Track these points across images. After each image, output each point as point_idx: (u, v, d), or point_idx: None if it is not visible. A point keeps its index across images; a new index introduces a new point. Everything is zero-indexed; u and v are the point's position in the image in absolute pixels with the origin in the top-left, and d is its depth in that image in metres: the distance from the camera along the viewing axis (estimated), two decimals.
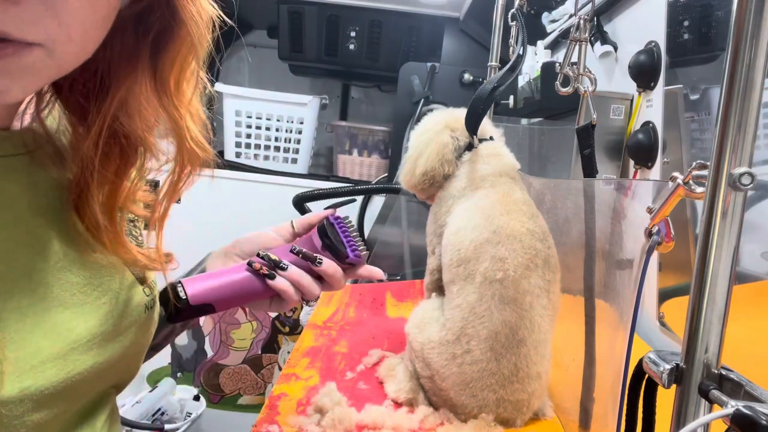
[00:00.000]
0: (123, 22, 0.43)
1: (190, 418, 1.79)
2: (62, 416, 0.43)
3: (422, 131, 0.89)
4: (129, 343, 0.49)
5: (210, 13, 0.46)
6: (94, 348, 0.44)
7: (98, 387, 0.47)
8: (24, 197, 0.43)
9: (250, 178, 1.88)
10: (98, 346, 0.45)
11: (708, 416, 0.38)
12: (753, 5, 0.35)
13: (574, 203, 0.76)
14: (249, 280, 0.59)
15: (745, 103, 0.36)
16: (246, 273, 0.59)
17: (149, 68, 0.46)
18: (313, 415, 0.71)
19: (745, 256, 0.75)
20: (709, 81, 0.91)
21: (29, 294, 0.41)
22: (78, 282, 0.45)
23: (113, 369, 0.48)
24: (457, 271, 0.73)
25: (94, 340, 0.44)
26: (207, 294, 0.58)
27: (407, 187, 0.90)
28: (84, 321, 0.44)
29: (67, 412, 0.44)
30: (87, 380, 0.44)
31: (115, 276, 0.49)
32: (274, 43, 2.08)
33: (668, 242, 0.45)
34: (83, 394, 0.45)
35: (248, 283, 0.59)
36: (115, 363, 0.48)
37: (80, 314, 0.44)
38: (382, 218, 1.84)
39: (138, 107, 0.45)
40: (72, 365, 0.42)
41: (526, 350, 0.69)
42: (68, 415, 0.45)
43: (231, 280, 0.59)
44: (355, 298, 1.28)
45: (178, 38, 0.45)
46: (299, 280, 0.59)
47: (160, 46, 0.45)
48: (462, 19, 1.88)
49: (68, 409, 0.44)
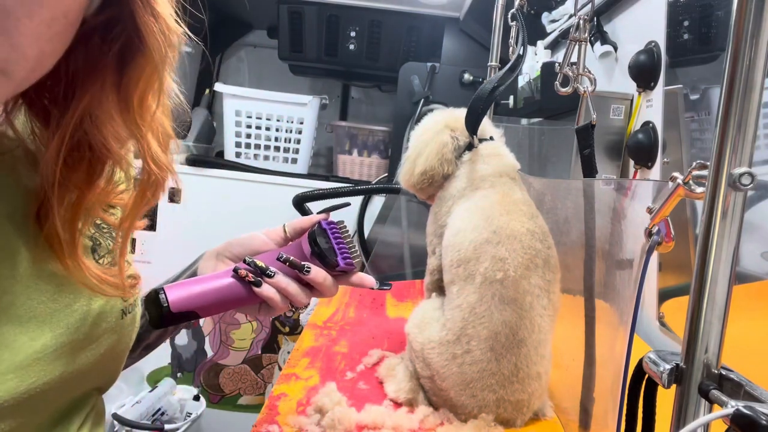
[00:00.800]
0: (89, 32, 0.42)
1: (190, 418, 1.78)
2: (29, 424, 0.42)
3: (422, 131, 0.89)
4: (104, 350, 0.48)
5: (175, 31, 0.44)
6: (63, 357, 0.43)
7: (71, 394, 0.46)
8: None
9: (250, 178, 1.88)
10: (68, 355, 0.43)
11: (708, 416, 0.38)
12: (753, 5, 0.35)
13: (574, 203, 0.76)
14: (234, 287, 0.57)
15: (745, 103, 0.36)
16: (231, 279, 0.58)
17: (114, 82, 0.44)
18: (313, 415, 0.71)
19: (745, 256, 0.75)
20: (709, 81, 0.91)
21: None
22: (47, 290, 0.43)
23: (87, 376, 0.47)
24: (457, 271, 0.73)
25: (62, 349, 0.43)
26: (189, 301, 0.56)
27: (406, 187, 0.90)
28: (51, 330, 0.42)
29: (35, 420, 0.43)
30: (55, 389, 0.43)
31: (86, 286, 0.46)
32: (274, 43, 2.08)
33: (668, 242, 0.45)
34: (52, 402, 0.44)
35: (233, 290, 0.58)
36: (89, 370, 0.46)
37: (47, 324, 0.42)
38: (382, 218, 1.84)
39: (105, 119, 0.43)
40: (36, 376, 0.41)
41: (526, 350, 0.69)
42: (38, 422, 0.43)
43: (215, 286, 0.57)
44: (355, 298, 1.28)
45: (141, 55, 0.43)
46: (286, 287, 0.58)
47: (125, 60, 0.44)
48: (462, 19, 1.88)
49: (34, 419, 0.43)
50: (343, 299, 1.27)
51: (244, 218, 1.87)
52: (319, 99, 1.96)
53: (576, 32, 0.79)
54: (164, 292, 0.55)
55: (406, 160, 0.89)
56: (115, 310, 0.49)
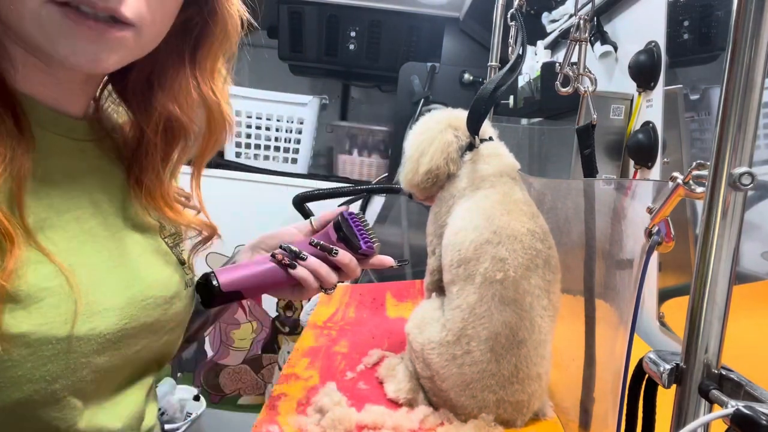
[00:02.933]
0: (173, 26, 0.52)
1: (190, 418, 1.78)
2: (119, 370, 0.51)
3: (423, 130, 0.89)
4: (173, 313, 0.57)
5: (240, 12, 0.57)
6: (147, 308, 0.53)
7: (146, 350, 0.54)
8: (91, 176, 0.53)
9: (250, 178, 1.88)
10: (150, 308, 0.53)
11: (708, 416, 0.38)
12: (753, 5, 0.35)
13: (574, 203, 0.76)
14: (273, 270, 0.65)
15: (745, 103, 0.36)
16: (270, 264, 0.65)
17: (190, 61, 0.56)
18: (313, 415, 0.71)
19: (745, 256, 0.75)
20: (709, 81, 0.91)
21: (96, 254, 0.50)
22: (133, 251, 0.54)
23: (158, 334, 0.55)
24: (457, 271, 0.73)
25: (147, 300, 0.53)
26: (236, 283, 0.64)
27: (408, 187, 0.90)
28: (139, 283, 0.53)
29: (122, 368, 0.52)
30: (138, 336, 0.52)
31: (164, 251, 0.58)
32: (274, 43, 2.08)
33: (668, 242, 0.45)
34: (135, 352, 0.52)
35: (272, 273, 0.65)
36: (160, 328, 0.55)
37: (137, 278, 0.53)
38: (382, 218, 1.84)
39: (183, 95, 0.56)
40: (128, 318, 0.50)
41: (526, 351, 0.68)
42: (123, 372, 0.52)
43: (257, 270, 0.65)
44: (355, 298, 1.28)
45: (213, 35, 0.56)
46: (317, 269, 0.65)
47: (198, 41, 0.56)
48: (462, 19, 1.88)
49: (123, 365, 0.51)
50: (343, 299, 1.27)
51: (244, 218, 1.87)
52: (319, 99, 1.96)
53: (576, 32, 0.79)
54: (215, 275, 0.64)
55: (408, 159, 0.89)
56: (181, 281, 0.59)
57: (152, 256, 0.56)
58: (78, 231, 0.49)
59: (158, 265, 0.57)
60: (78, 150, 0.53)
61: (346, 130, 2.03)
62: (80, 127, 0.54)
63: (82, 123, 0.54)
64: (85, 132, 0.54)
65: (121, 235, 0.54)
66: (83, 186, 0.52)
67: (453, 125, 0.86)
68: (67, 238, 0.48)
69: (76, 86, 0.52)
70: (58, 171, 0.50)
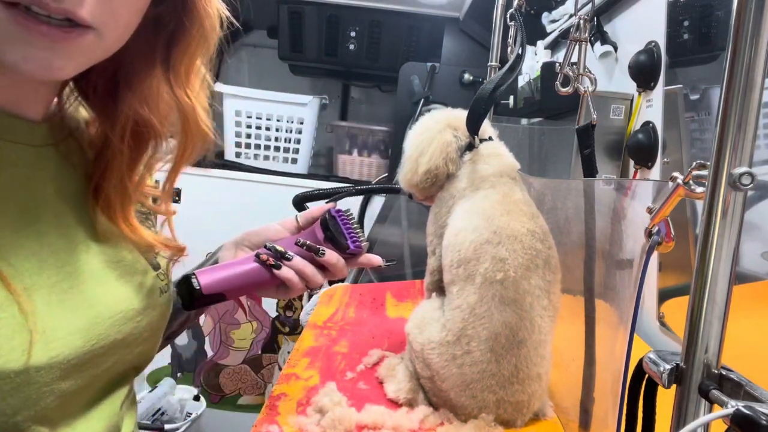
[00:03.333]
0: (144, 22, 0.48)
1: (190, 418, 1.78)
2: (86, 389, 0.48)
3: (422, 130, 0.88)
4: (146, 323, 0.54)
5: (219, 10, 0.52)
6: (116, 325, 0.49)
7: (118, 365, 0.51)
8: (51, 184, 0.49)
9: (250, 178, 1.88)
10: (119, 323, 0.50)
11: (708, 416, 0.38)
12: (753, 5, 0.35)
13: (574, 203, 0.76)
14: (257, 270, 0.63)
15: (745, 103, 0.36)
16: (254, 264, 0.63)
17: (163, 61, 0.51)
18: (313, 415, 0.71)
19: (745, 256, 0.75)
20: (709, 81, 0.91)
21: (56, 272, 0.46)
22: (98, 265, 0.50)
23: (131, 348, 0.52)
24: (457, 271, 0.73)
25: (115, 317, 0.49)
26: (218, 284, 0.62)
27: (407, 187, 0.90)
28: (105, 300, 0.49)
29: (90, 386, 0.48)
30: (108, 353, 0.49)
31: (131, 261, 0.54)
32: (274, 43, 2.08)
33: (668, 242, 0.45)
34: (105, 369, 0.49)
35: (256, 273, 0.63)
36: (133, 341, 0.52)
37: (102, 294, 0.49)
38: (382, 218, 1.84)
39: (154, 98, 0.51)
40: (96, 338, 0.47)
41: (526, 351, 0.68)
42: (92, 390, 0.49)
43: (240, 270, 0.63)
44: (355, 298, 1.28)
45: (189, 34, 0.50)
46: (303, 269, 0.63)
47: (172, 41, 0.51)
48: (462, 19, 1.88)
49: (92, 383, 0.48)
50: (343, 299, 1.27)
51: (244, 218, 1.86)
52: (319, 99, 1.96)
53: (576, 32, 0.79)
54: (195, 277, 0.61)
55: (407, 159, 0.89)
56: (155, 288, 0.55)
57: (119, 267, 0.52)
58: (38, 248, 0.45)
59: (126, 275, 0.52)
60: (37, 157, 0.48)
61: (346, 130, 2.03)
62: (39, 131, 0.49)
63: (41, 127, 0.49)
64: (44, 136, 0.50)
65: (84, 247, 0.50)
66: (43, 197, 0.48)
67: (452, 125, 0.86)
68: (25, 256, 0.44)
69: (33, 89, 0.48)
70: (15, 183, 0.46)
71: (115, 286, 0.51)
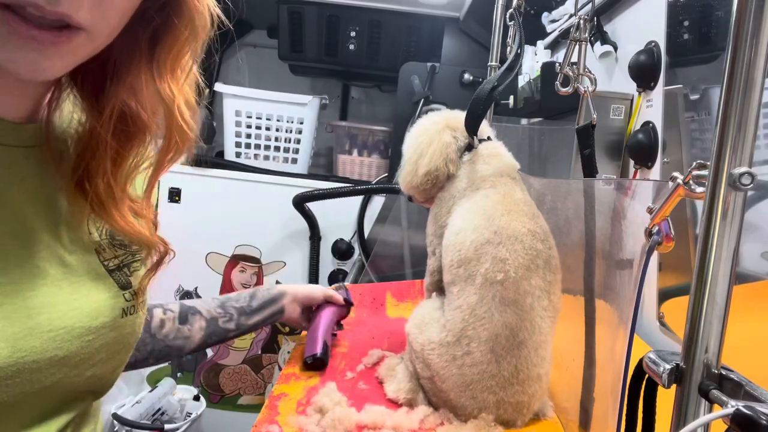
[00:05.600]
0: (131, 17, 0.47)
1: (190, 418, 1.78)
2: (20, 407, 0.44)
3: (420, 132, 0.88)
4: (100, 345, 0.49)
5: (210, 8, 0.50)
6: (55, 340, 0.45)
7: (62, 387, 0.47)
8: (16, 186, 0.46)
9: (250, 178, 1.88)
10: (60, 339, 0.46)
11: (708, 416, 0.38)
12: (753, 5, 0.35)
13: (574, 203, 0.75)
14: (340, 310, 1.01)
15: (745, 103, 0.36)
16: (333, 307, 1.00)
17: (148, 55, 0.50)
18: (313, 415, 0.71)
19: (745, 256, 0.75)
20: (709, 81, 0.91)
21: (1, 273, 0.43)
22: (54, 275, 0.47)
23: (79, 369, 0.48)
24: (457, 272, 0.73)
25: (56, 331, 0.45)
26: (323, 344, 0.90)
27: (407, 189, 0.90)
28: (48, 311, 0.45)
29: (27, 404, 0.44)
30: (44, 371, 0.44)
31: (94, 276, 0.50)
32: (274, 43, 2.08)
33: (668, 242, 0.45)
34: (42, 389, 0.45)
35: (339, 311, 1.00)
36: (81, 362, 0.48)
37: (48, 305, 0.45)
38: (382, 218, 1.83)
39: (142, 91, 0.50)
40: (27, 351, 0.43)
41: (526, 352, 0.68)
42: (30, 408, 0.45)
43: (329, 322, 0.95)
44: (355, 298, 1.28)
45: (177, 30, 0.49)
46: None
47: (158, 35, 0.50)
48: (462, 19, 1.88)
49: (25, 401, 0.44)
50: None
51: (244, 218, 1.87)
52: (319, 99, 1.96)
53: (576, 32, 0.79)
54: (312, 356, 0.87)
55: (406, 162, 0.88)
56: (115, 308, 0.51)
57: (79, 281, 0.49)
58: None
59: (84, 290, 0.49)
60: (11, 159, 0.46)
61: (346, 129, 2.03)
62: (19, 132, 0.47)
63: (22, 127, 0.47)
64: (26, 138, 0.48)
65: (44, 255, 0.46)
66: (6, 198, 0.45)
67: (451, 126, 0.86)
68: None
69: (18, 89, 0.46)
70: None
71: (67, 300, 0.47)
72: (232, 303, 0.86)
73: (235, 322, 0.85)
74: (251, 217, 1.87)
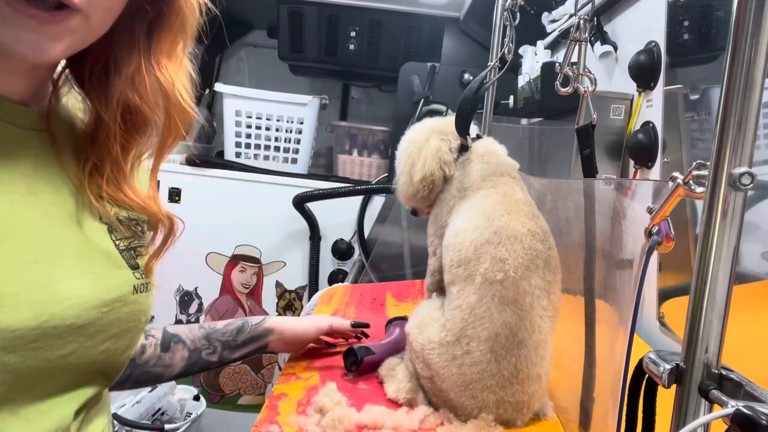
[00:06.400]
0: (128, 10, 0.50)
1: (190, 418, 1.78)
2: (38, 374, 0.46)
3: (408, 143, 0.88)
4: (113, 318, 0.52)
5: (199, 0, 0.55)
6: (74, 308, 0.48)
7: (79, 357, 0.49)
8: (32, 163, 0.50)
9: (249, 178, 1.88)
10: (78, 308, 0.48)
11: (708, 416, 0.38)
12: (753, 5, 0.35)
13: (574, 203, 0.76)
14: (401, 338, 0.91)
15: (745, 103, 0.36)
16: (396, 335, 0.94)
17: (145, 47, 0.54)
18: (313, 415, 0.71)
19: (745, 256, 0.75)
20: (709, 81, 0.91)
21: (23, 243, 0.46)
22: (72, 248, 0.50)
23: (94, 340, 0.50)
24: (457, 271, 0.73)
25: (74, 299, 0.48)
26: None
27: (406, 200, 0.89)
28: (68, 281, 0.48)
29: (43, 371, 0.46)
30: (64, 338, 0.47)
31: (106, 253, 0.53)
32: (274, 43, 2.08)
33: (668, 242, 0.45)
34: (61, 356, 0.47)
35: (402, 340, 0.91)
36: (96, 333, 0.50)
37: (66, 275, 0.48)
38: (382, 218, 1.84)
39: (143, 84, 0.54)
40: (48, 316, 0.45)
41: (526, 352, 0.68)
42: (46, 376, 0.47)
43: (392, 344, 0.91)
44: (355, 298, 1.28)
45: (169, 20, 0.54)
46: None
47: (153, 27, 0.54)
48: (462, 19, 1.88)
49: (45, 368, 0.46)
50: (343, 299, 1.27)
51: (243, 218, 1.87)
52: (319, 99, 1.96)
53: (576, 32, 0.79)
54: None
55: (400, 174, 0.88)
56: (128, 284, 0.55)
57: (92, 255, 0.52)
58: (5, 217, 0.45)
59: (98, 264, 0.52)
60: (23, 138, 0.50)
61: (346, 130, 2.03)
62: (26, 114, 0.50)
63: (28, 110, 0.51)
64: (32, 121, 0.51)
65: (61, 230, 0.50)
66: (21, 173, 0.48)
67: (438, 131, 0.86)
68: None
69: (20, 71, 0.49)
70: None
71: (84, 272, 0.50)
72: (218, 336, 0.85)
73: (218, 355, 0.84)
74: (251, 217, 1.87)
